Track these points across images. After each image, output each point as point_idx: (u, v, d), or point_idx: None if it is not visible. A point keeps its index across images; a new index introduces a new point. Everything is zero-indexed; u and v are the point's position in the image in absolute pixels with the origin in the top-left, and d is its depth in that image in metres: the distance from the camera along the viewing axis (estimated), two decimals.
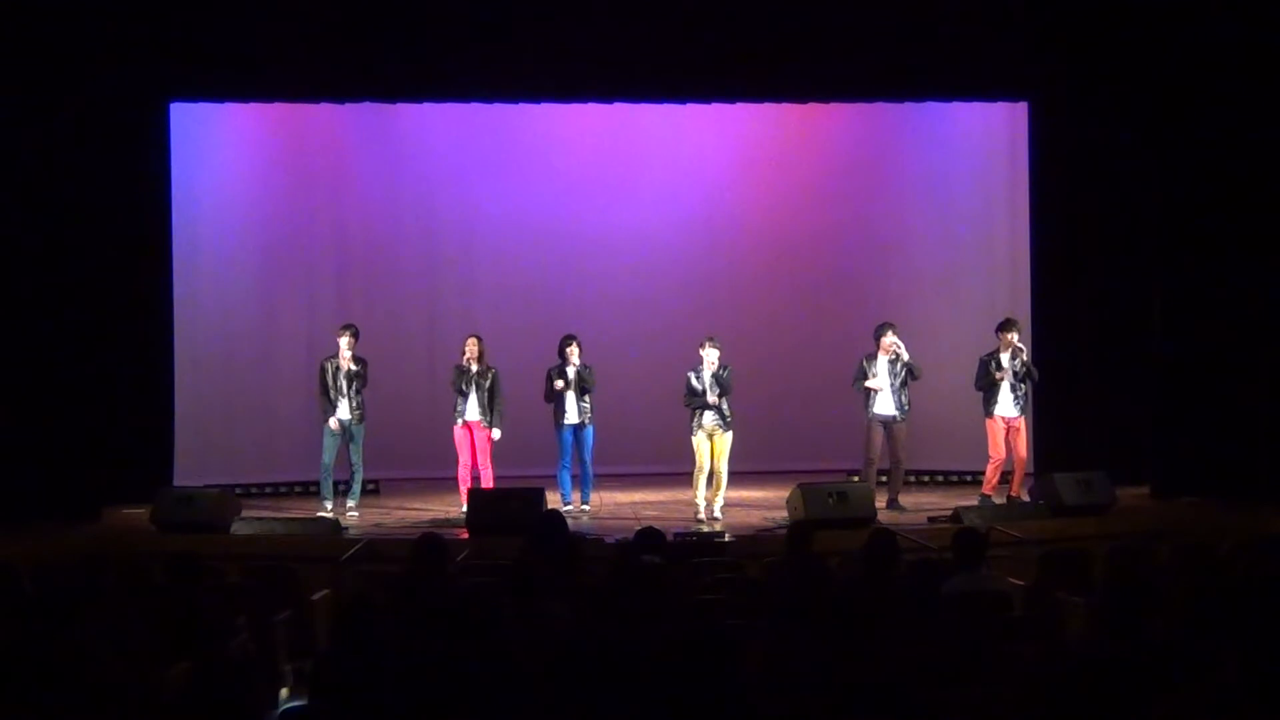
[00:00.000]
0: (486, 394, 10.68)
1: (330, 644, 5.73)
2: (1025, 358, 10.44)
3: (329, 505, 10.68)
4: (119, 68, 10.94)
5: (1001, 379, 10.41)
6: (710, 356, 10.26)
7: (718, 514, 10.26)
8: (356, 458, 10.77)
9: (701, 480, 10.36)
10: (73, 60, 10.72)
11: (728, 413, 10.29)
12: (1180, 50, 11.00)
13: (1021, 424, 10.55)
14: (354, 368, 10.60)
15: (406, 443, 12.33)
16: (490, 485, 10.58)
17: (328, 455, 10.72)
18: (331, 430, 10.60)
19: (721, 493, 10.34)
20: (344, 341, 10.62)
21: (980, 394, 10.58)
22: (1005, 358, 10.44)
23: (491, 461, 10.76)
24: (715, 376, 10.23)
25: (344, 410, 10.61)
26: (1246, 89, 10.84)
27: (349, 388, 10.59)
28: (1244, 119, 10.85)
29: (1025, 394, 10.54)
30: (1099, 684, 4.35)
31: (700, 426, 10.32)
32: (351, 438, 10.70)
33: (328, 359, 10.69)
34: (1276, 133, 10.79)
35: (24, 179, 10.67)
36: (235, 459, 12.03)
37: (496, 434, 10.74)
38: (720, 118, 12.84)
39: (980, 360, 10.56)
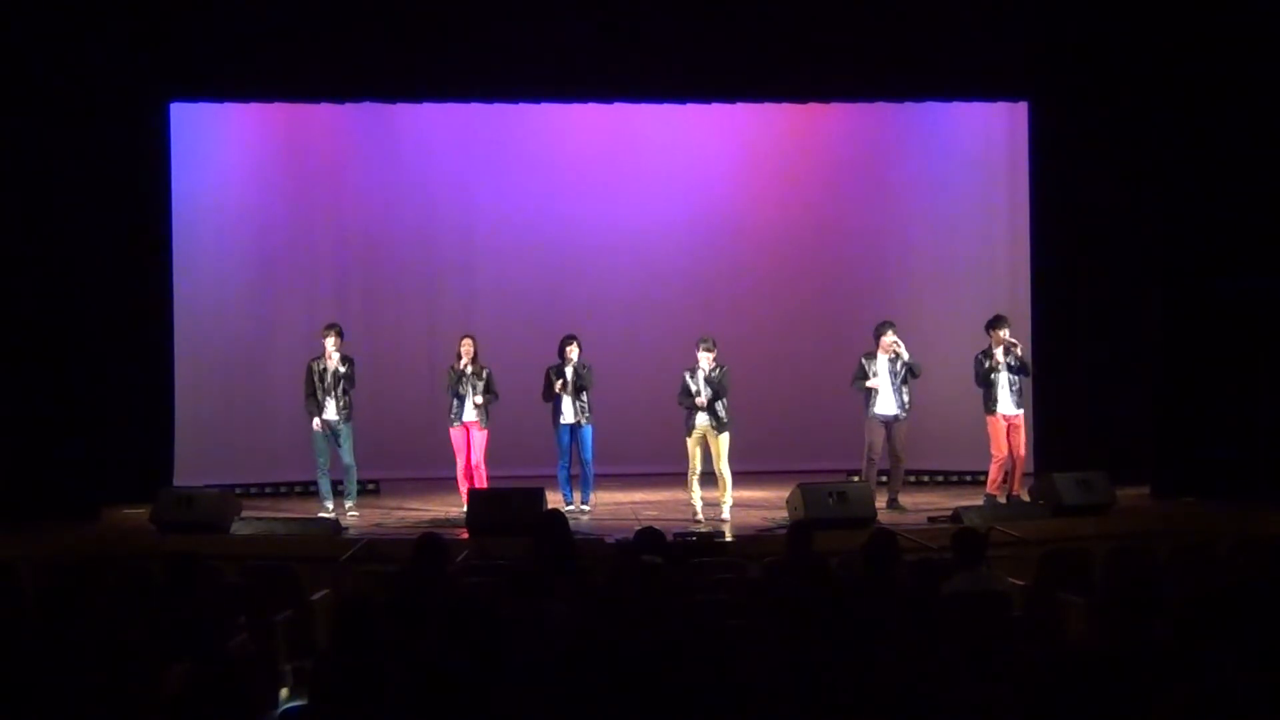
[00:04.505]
0: (482, 393, 10.68)
1: (330, 644, 5.74)
2: (1019, 352, 10.43)
3: (329, 505, 10.68)
4: (119, 68, 10.95)
5: (997, 375, 10.40)
6: (704, 359, 10.26)
7: (726, 515, 10.24)
8: (348, 458, 10.75)
9: (694, 482, 10.36)
10: (73, 60, 10.73)
11: (722, 414, 10.28)
12: (1180, 50, 11.00)
13: (1021, 421, 10.54)
14: (341, 368, 10.59)
15: (406, 443, 12.34)
16: (485, 485, 10.58)
17: (321, 455, 10.72)
18: (317, 431, 10.59)
19: (728, 493, 10.32)
20: (330, 342, 10.60)
21: (981, 392, 10.57)
22: (999, 353, 10.43)
23: (486, 461, 10.77)
24: (708, 379, 10.23)
25: (330, 410, 10.60)
26: (1246, 88, 10.84)
27: (336, 387, 10.58)
28: (1244, 118, 10.85)
29: (1022, 389, 10.53)
30: (1099, 684, 4.35)
31: (694, 428, 10.32)
32: (339, 437, 10.69)
33: (314, 359, 10.67)
34: (1276, 132, 10.79)
35: (24, 179, 10.67)
36: (235, 459, 12.03)
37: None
38: (720, 118, 12.85)
39: (975, 358, 10.56)
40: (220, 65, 11.22)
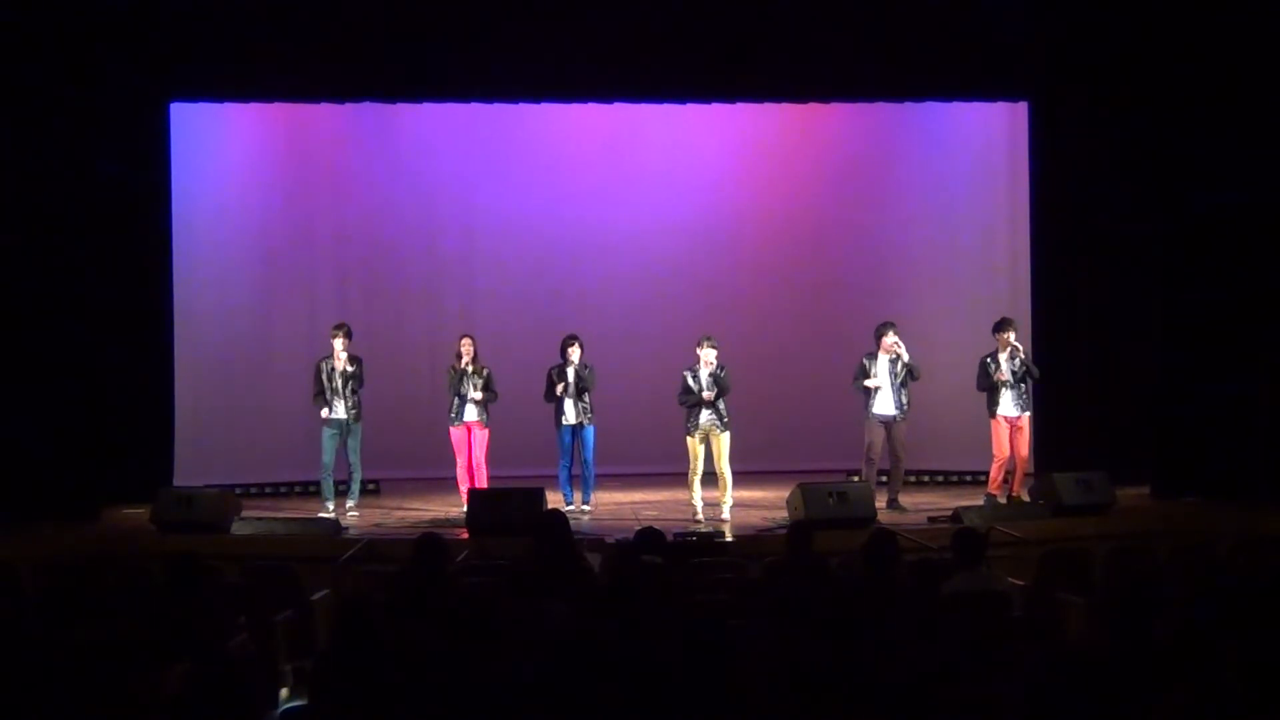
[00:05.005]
0: (482, 393, 10.69)
1: (330, 644, 5.74)
2: (1023, 357, 10.45)
3: (330, 506, 10.68)
4: (119, 68, 10.95)
5: (1001, 380, 10.42)
6: (708, 356, 10.25)
7: (726, 515, 10.23)
8: (354, 457, 10.78)
9: (696, 481, 10.36)
10: (73, 60, 10.73)
11: (724, 412, 10.29)
12: (1180, 50, 11.00)
13: (1025, 422, 10.54)
14: (349, 368, 10.61)
15: (406, 443, 12.34)
16: (485, 485, 10.58)
17: (327, 455, 10.73)
18: (331, 423, 10.59)
19: (729, 493, 10.31)
20: (338, 342, 10.62)
21: (984, 395, 10.58)
22: (1003, 358, 10.44)
23: (487, 461, 10.77)
24: (713, 376, 10.23)
25: (340, 410, 10.62)
26: (1246, 88, 10.84)
27: (344, 387, 10.60)
28: (1244, 118, 10.85)
29: (1026, 393, 10.54)
30: (1099, 684, 4.35)
31: (696, 427, 10.31)
32: (349, 437, 10.71)
33: (323, 359, 10.70)
34: (1276, 131, 10.79)
35: (24, 179, 10.67)
36: (235, 459, 12.03)
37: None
38: (720, 118, 12.85)
39: (980, 362, 10.57)
40: (220, 65, 11.23)
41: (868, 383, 10.52)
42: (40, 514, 10.14)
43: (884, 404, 10.55)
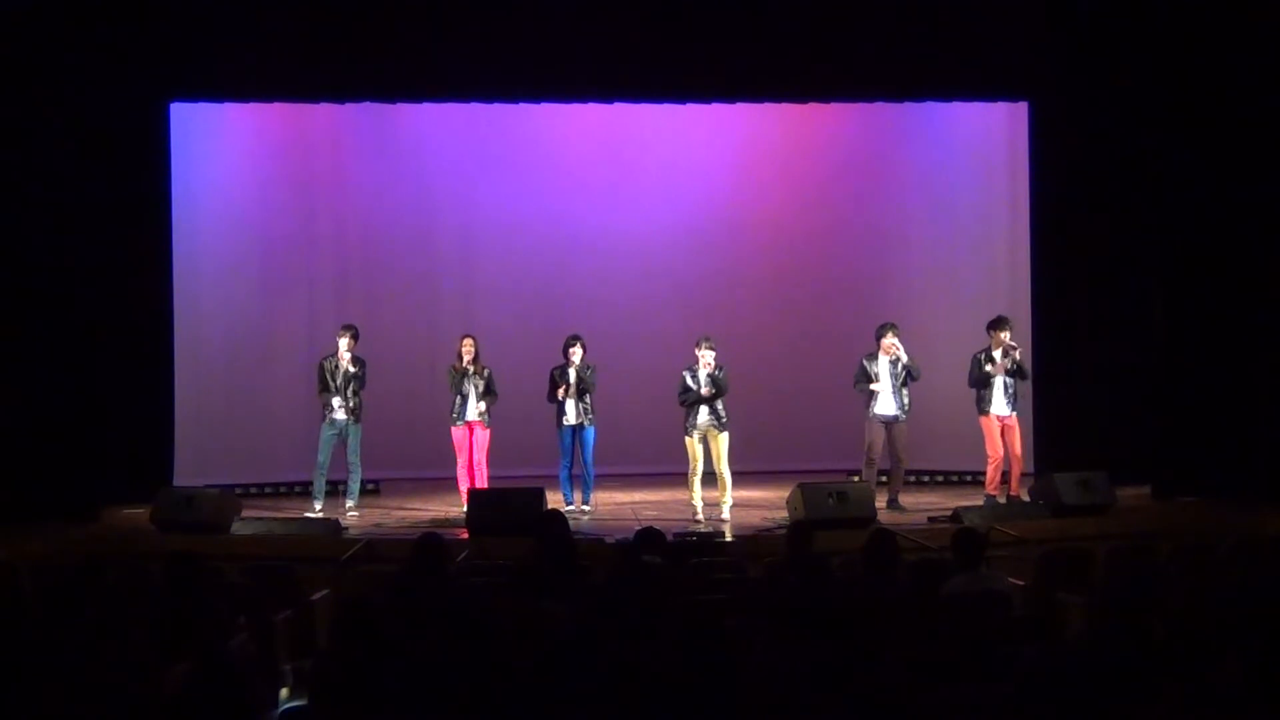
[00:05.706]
0: (483, 393, 10.70)
1: (330, 644, 5.73)
2: (1018, 355, 10.44)
3: (318, 505, 10.66)
4: (119, 68, 10.95)
5: (993, 376, 10.41)
6: (706, 358, 10.25)
7: (726, 515, 10.23)
8: (354, 458, 10.77)
9: (696, 482, 10.36)
10: (73, 60, 10.73)
11: (722, 413, 10.29)
12: (1180, 49, 11.00)
13: (1015, 421, 10.54)
14: (352, 369, 10.61)
15: (406, 443, 12.34)
16: (486, 485, 10.58)
17: (323, 454, 10.72)
18: (331, 423, 10.60)
19: (728, 493, 10.32)
20: (344, 342, 10.63)
21: (974, 392, 10.58)
22: (997, 355, 10.44)
23: (488, 460, 10.77)
24: (711, 377, 10.23)
25: (340, 410, 10.62)
26: (1247, 87, 10.84)
27: (346, 388, 10.60)
28: (1244, 117, 10.85)
29: (1017, 392, 10.53)
30: (1099, 684, 4.35)
31: (695, 427, 10.31)
32: (347, 437, 10.71)
33: (326, 357, 10.70)
34: (1277, 131, 10.79)
35: (24, 179, 10.67)
36: (235, 459, 12.03)
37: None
38: (720, 118, 12.85)
39: (973, 357, 10.57)
40: (220, 65, 11.23)
41: (873, 386, 10.52)
42: (40, 514, 10.14)
43: (885, 404, 10.56)
